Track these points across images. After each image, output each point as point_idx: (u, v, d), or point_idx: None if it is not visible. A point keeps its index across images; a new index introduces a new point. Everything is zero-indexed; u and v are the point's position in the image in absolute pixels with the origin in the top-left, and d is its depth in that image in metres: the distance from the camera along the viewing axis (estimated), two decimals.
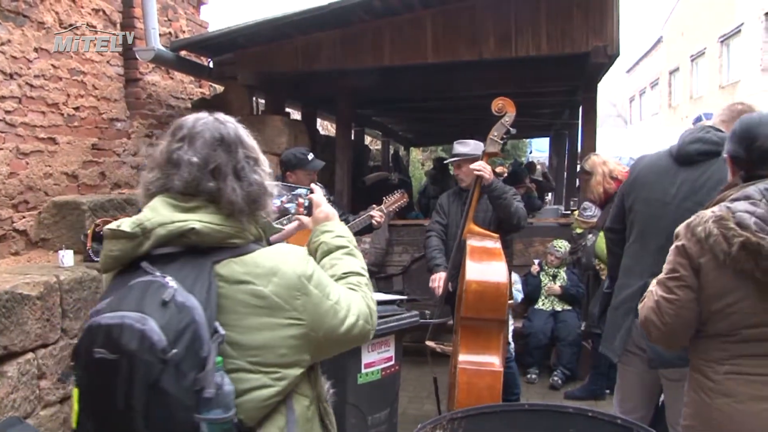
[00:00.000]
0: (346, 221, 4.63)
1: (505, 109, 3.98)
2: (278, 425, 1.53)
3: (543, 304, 5.95)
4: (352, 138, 10.68)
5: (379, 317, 3.63)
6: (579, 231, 5.33)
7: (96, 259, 4.32)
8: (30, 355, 3.62)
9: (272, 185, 1.65)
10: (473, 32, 5.48)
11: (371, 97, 7.79)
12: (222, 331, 1.39)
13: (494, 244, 3.96)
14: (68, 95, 4.98)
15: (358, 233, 4.78)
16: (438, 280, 4.33)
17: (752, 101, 3.02)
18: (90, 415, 1.35)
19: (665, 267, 2.17)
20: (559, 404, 2.35)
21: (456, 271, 4.16)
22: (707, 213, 2.06)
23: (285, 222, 3.81)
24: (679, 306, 2.09)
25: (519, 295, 5.39)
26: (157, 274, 1.39)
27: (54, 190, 4.84)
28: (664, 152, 2.97)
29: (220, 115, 1.63)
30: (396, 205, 4.68)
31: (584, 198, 5.34)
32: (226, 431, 1.38)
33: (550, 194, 12.73)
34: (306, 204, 2.06)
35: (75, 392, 1.37)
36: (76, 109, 5.07)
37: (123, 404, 1.28)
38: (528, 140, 19.88)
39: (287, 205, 2.12)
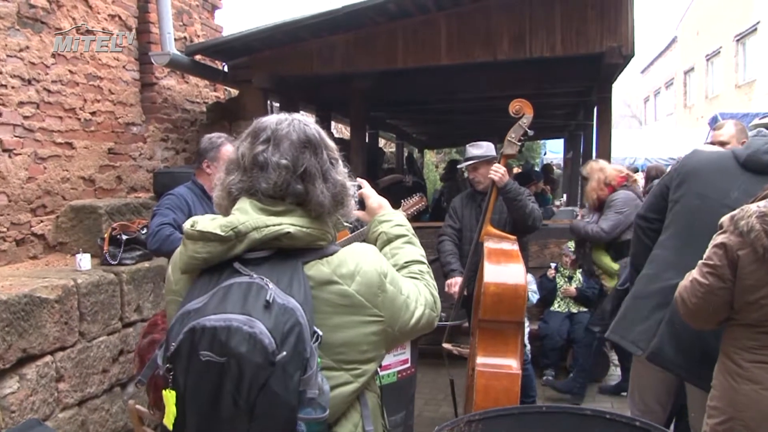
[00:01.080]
0: (362, 224, 4.64)
1: (522, 110, 3.96)
2: (353, 421, 1.55)
3: (558, 305, 5.91)
4: (366, 140, 10.73)
5: None
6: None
7: (113, 262, 4.36)
8: (48, 358, 3.65)
9: (351, 185, 1.65)
10: (487, 33, 5.47)
11: (385, 99, 7.80)
12: (319, 332, 1.40)
13: (512, 246, 3.94)
14: (85, 100, 5.03)
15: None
16: (454, 285, 4.33)
17: None
18: (192, 416, 1.34)
19: (706, 253, 2.25)
20: (576, 406, 2.34)
21: (473, 274, 4.16)
22: (752, 207, 2.08)
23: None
24: (707, 291, 2.18)
25: (534, 297, 5.36)
26: (254, 276, 1.39)
27: (71, 194, 4.89)
28: (726, 153, 2.89)
29: (301, 116, 1.63)
30: (414, 208, 4.67)
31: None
32: (321, 430, 1.40)
33: (564, 196, 12.66)
34: (356, 199, 2.07)
35: (170, 395, 1.37)
36: (93, 113, 5.11)
37: (230, 406, 1.29)
38: (542, 142, 19.79)
39: None
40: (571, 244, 5.96)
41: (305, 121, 1.61)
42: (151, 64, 5.64)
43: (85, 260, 4.22)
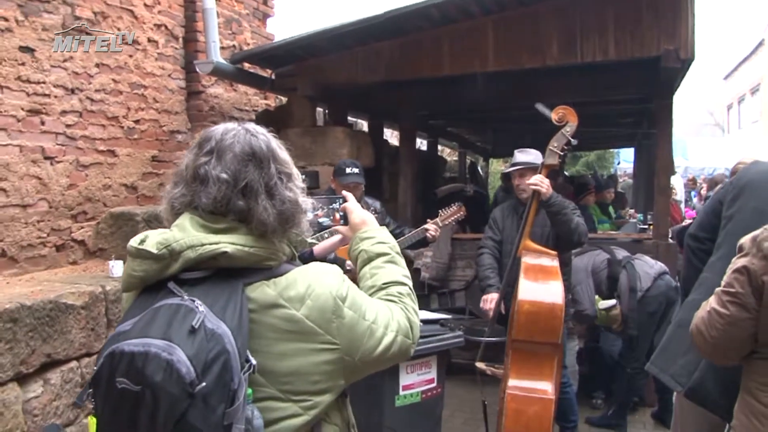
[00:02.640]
0: (401, 234, 4.52)
1: (566, 118, 3.76)
2: None
3: None
4: (422, 149, 10.58)
5: (420, 337, 3.52)
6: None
7: None
8: (74, 364, 3.68)
9: (307, 201, 1.57)
10: (536, 38, 5.25)
11: (433, 107, 7.65)
12: (253, 361, 1.30)
13: (551, 261, 3.73)
14: (128, 108, 5.10)
15: (412, 246, 4.70)
16: (489, 302, 4.15)
17: None
18: None
19: (724, 278, 2.01)
20: None
21: (511, 290, 3.97)
22: None
23: (326, 235, 3.76)
24: (728, 322, 1.94)
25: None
26: (186, 297, 1.31)
27: (113, 201, 4.96)
28: None
29: (251, 126, 1.55)
30: (453, 218, 4.54)
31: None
32: None
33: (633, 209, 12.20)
34: (341, 215, 1.96)
35: (92, 422, 1.31)
36: (137, 122, 5.18)
37: None
38: (615, 151, 19.19)
39: (321, 219, 2.03)
40: None
41: (255, 131, 1.52)
42: (198, 72, 5.69)
43: (117, 267, 4.25)
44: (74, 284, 3.91)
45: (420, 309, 4.04)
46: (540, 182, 3.79)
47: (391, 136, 10.46)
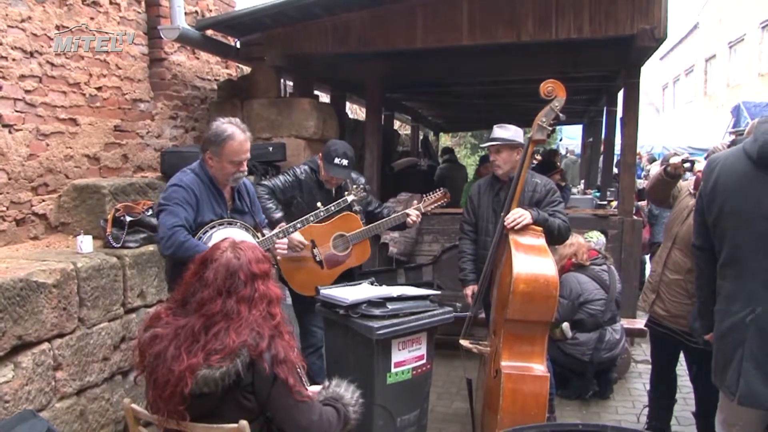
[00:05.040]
0: (381, 214, 4.45)
1: (554, 92, 3.65)
2: None
3: None
4: (382, 122, 10.49)
5: (411, 313, 3.48)
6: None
7: (116, 245, 4.17)
8: (45, 346, 3.47)
9: None
10: (512, 13, 5.21)
11: (402, 80, 7.55)
12: None
13: (538, 239, 3.70)
14: (90, 75, 4.82)
15: (391, 230, 4.65)
16: (470, 297, 4.18)
17: None
18: None
19: None
20: (614, 425, 2.13)
21: (492, 268, 3.93)
22: None
23: (281, 235, 3.66)
24: None
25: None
26: None
27: (75, 173, 4.69)
28: (739, 153, 2.66)
29: None
30: (436, 204, 4.51)
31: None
32: None
33: (582, 183, 12.42)
34: None
35: None
36: (99, 89, 4.91)
37: None
38: (558, 127, 19.47)
39: None
40: (591, 235, 5.71)
41: None
42: (161, 38, 5.42)
43: (86, 242, 4.03)
44: (42, 261, 3.68)
45: (387, 284, 3.99)
46: (519, 219, 3.69)
47: (349, 110, 10.30)
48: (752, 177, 2.55)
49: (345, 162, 4.21)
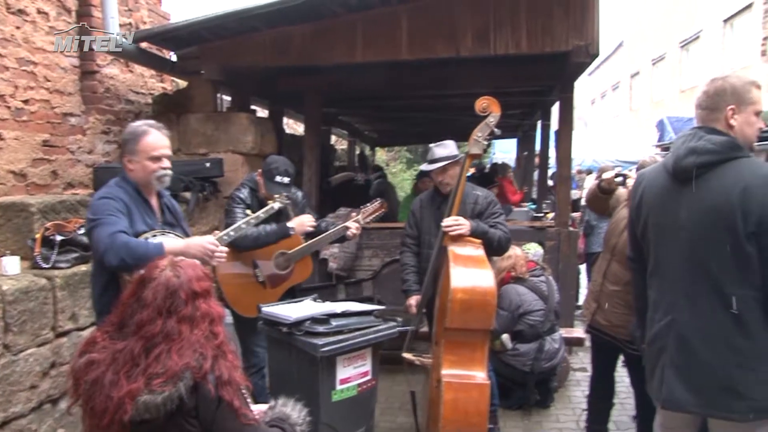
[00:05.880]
0: (319, 228, 4.40)
1: (489, 109, 3.76)
2: None
3: None
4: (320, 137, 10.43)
5: (355, 329, 3.43)
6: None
7: (45, 265, 3.99)
8: None
9: None
10: (451, 29, 5.25)
11: (341, 94, 7.52)
12: None
13: (477, 250, 3.76)
14: (16, 87, 4.62)
15: (331, 243, 4.61)
16: (414, 306, 4.17)
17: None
18: None
19: None
20: None
21: (433, 279, 3.95)
22: None
23: (232, 234, 3.58)
24: None
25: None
26: None
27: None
28: (660, 168, 2.77)
29: None
30: (374, 215, 4.50)
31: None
32: None
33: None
34: None
35: None
36: (25, 102, 4.70)
37: None
38: (492, 141, 19.82)
39: None
40: (529, 246, 5.80)
41: None
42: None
43: (12, 264, 3.83)
44: None
45: (327, 300, 3.97)
46: (455, 225, 3.77)
47: (286, 125, 10.22)
48: (670, 190, 2.64)
49: (286, 180, 4.16)
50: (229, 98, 6.93)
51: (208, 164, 5.59)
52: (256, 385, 4.18)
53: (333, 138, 13.10)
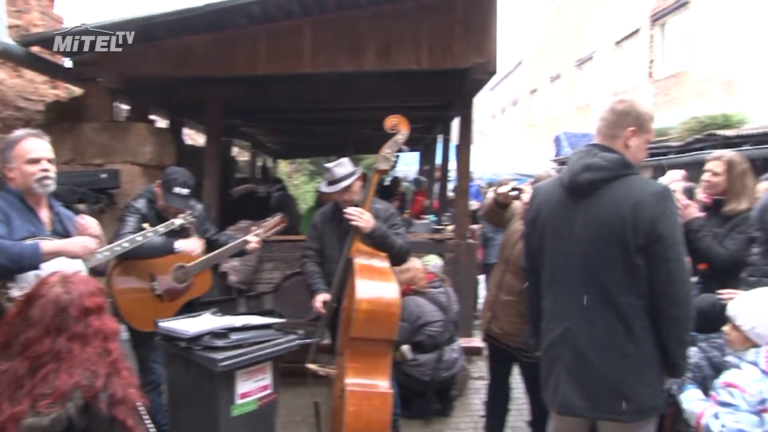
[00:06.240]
0: (218, 242, 4.37)
1: (399, 126, 3.91)
2: None
3: None
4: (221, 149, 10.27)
5: (255, 343, 3.43)
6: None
7: None
8: None
9: None
10: (354, 43, 5.35)
11: (244, 106, 7.46)
12: None
13: (382, 262, 3.84)
14: None
15: (231, 257, 4.57)
16: (319, 303, 4.13)
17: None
18: None
19: None
20: None
21: (340, 291, 3.98)
22: None
23: (126, 245, 3.52)
24: None
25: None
26: None
27: None
28: (556, 182, 2.90)
29: None
30: (273, 230, 4.50)
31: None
32: None
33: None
34: None
35: None
36: None
37: None
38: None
39: None
40: (429, 258, 5.93)
41: None
42: None
43: None
44: None
45: (227, 314, 3.94)
46: (359, 215, 3.85)
47: (186, 136, 10.01)
48: (566, 204, 2.77)
49: (185, 191, 4.09)
50: (127, 107, 6.74)
51: (104, 175, 5.43)
52: (153, 402, 4.08)
53: (235, 149, 12.94)
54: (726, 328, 2.89)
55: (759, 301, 2.79)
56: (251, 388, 3.44)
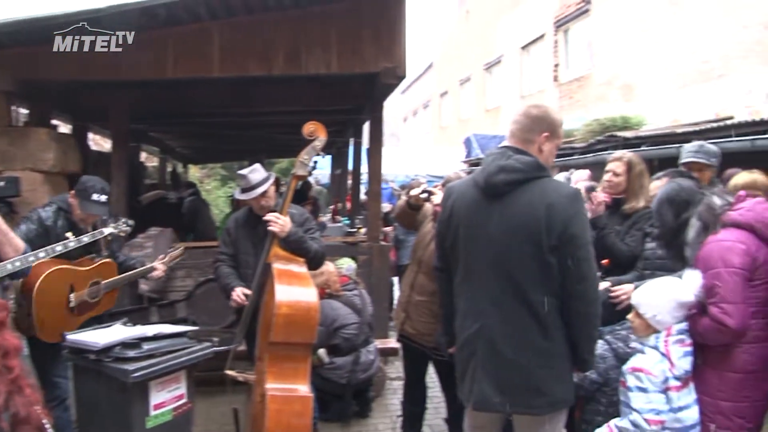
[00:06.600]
0: (126, 264, 4.32)
1: (316, 133, 3.93)
2: None
3: None
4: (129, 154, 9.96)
5: (168, 352, 3.38)
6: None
7: None
8: None
9: None
10: (263, 47, 5.32)
11: (152, 110, 7.27)
12: None
13: (300, 267, 3.86)
14: None
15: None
16: (239, 294, 4.06)
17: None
18: None
19: None
20: None
21: (258, 296, 3.96)
22: None
23: (41, 255, 3.40)
24: None
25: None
26: None
27: None
28: (470, 182, 2.95)
29: None
30: (176, 261, 4.76)
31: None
32: None
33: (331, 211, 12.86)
34: None
35: None
36: None
37: None
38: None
39: None
40: (342, 261, 5.96)
41: None
42: None
43: None
44: None
45: (139, 323, 3.88)
46: (275, 220, 3.86)
47: (92, 141, 9.68)
48: (480, 204, 2.84)
49: (103, 198, 4.00)
50: (26, 111, 6.45)
51: (2, 183, 5.18)
52: (59, 418, 3.93)
53: (143, 155, 12.60)
54: (630, 316, 3.08)
55: (660, 291, 2.98)
56: (165, 399, 3.40)
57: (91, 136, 9.32)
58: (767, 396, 2.82)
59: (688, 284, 2.92)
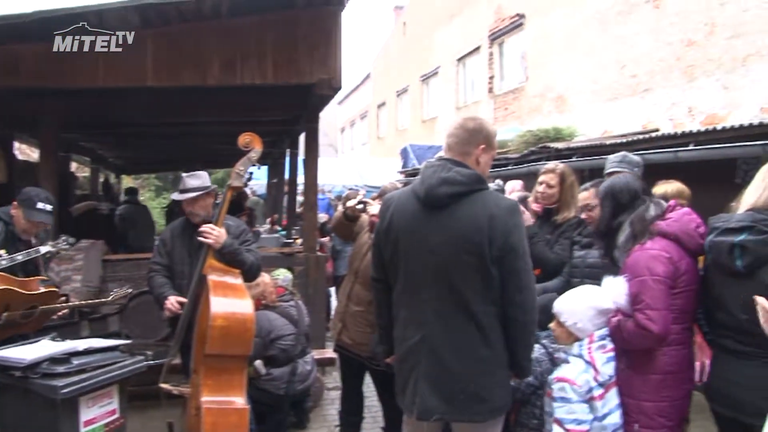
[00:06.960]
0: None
1: (252, 144, 3.94)
2: None
3: None
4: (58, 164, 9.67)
5: (99, 366, 3.32)
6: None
7: None
8: None
9: None
10: (198, 57, 5.27)
11: (83, 119, 7.09)
12: None
13: (236, 279, 3.85)
14: None
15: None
16: (173, 302, 4.00)
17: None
18: None
19: None
20: None
21: (193, 307, 3.91)
22: None
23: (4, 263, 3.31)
24: None
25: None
26: None
27: None
28: (409, 193, 2.96)
29: None
30: (120, 299, 4.69)
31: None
32: None
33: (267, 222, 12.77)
34: None
35: None
36: None
37: None
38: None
39: None
40: (278, 272, 5.92)
41: None
42: None
43: None
44: None
45: (70, 338, 3.81)
46: (209, 232, 3.83)
47: (17, 150, 9.36)
48: (420, 216, 2.86)
49: (49, 207, 3.98)
50: None
51: None
52: None
53: (74, 165, 12.25)
54: (552, 324, 3.17)
55: (579, 299, 3.09)
56: (96, 414, 3.33)
57: (17, 145, 9.00)
58: (686, 395, 2.98)
59: (606, 292, 3.04)
